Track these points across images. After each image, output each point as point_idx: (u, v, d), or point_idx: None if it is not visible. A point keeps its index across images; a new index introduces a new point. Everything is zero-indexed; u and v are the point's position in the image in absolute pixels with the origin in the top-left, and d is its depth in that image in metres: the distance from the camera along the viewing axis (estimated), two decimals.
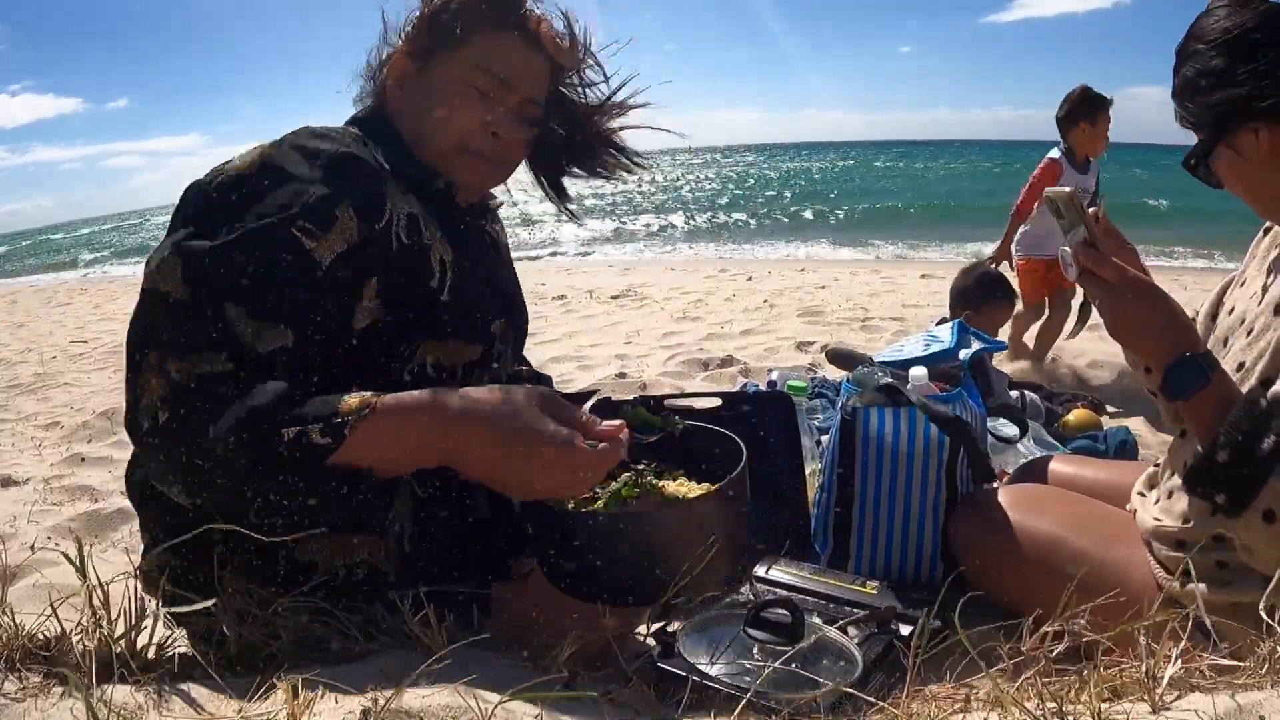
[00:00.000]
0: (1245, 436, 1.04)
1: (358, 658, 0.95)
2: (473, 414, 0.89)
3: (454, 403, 0.90)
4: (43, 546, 1.96)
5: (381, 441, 0.89)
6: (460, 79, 1.16)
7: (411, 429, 0.89)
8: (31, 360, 5.70)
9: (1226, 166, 1.21)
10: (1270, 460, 1.02)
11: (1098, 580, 1.24)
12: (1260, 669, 0.85)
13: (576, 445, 0.90)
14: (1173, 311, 1.15)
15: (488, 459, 0.90)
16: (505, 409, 0.90)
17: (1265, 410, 1.05)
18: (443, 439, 0.89)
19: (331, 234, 0.99)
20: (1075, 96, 3.69)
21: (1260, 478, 1.03)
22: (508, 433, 0.89)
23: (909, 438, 1.67)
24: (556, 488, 0.92)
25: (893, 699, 0.96)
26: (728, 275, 8.70)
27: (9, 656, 0.87)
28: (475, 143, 1.17)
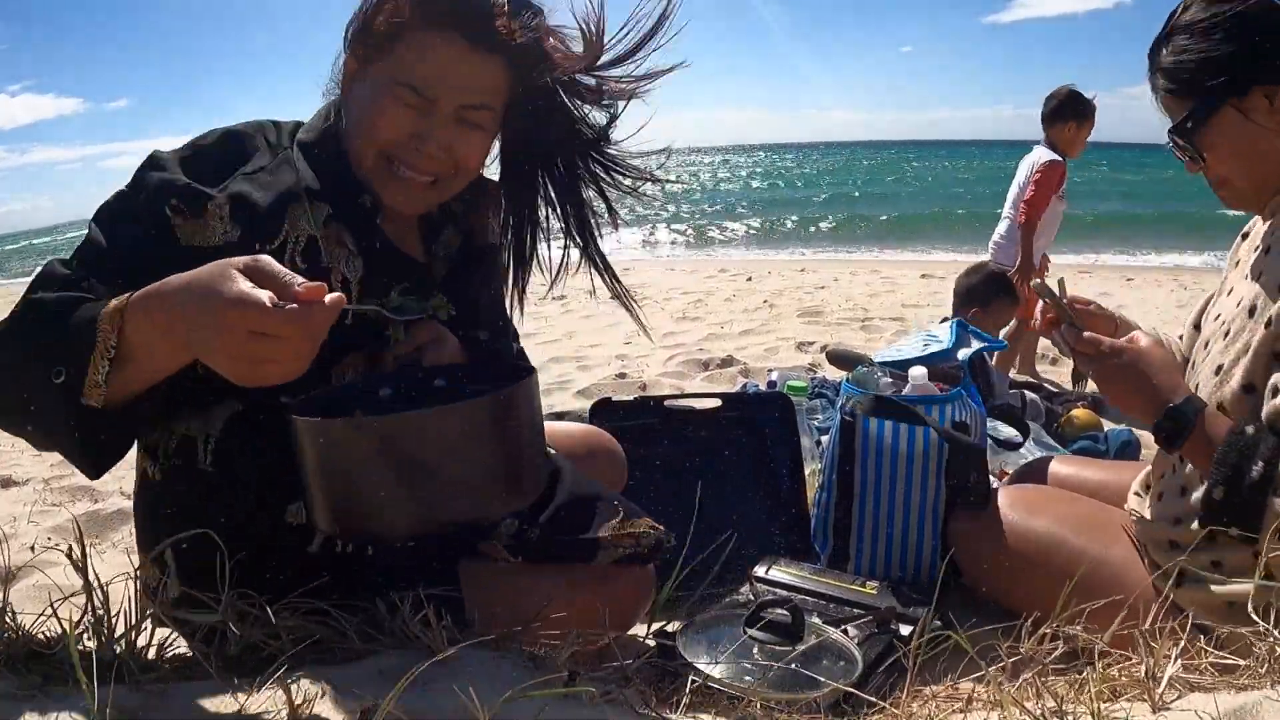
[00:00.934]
0: (1233, 469, 1.06)
1: (358, 658, 0.95)
2: (178, 288, 0.83)
3: (172, 282, 0.84)
4: (43, 547, 1.96)
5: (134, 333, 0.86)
6: (384, 83, 1.07)
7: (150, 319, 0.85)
8: None
9: (1227, 131, 1.18)
10: (1262, 485, 1.04)
11: (1097, 581, 1.24)
12: (1260, 668, 0.85)
13: (257, 301, 0.76)
14: (1152, 369, 1.19)
15: (194, 338, 0.81)
16: (196, 275, 0.81)
17: (1250, 439, 1.07)
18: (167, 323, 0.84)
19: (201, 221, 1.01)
20: (1064, 95, 3.68)
21: (1258, 504, 1.04)
22: (195, 300, 0.80)
23: (909, 438, 1.66)
24: (253, 363, 0.79)
25: (893, 699, 0.96)
26: (727, 275, 8.70)
27: (9, 656, 0.87)
28: (401, 151, 1.09)
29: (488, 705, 0.77)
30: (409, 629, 0.97)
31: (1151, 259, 10.64)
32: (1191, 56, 1.19)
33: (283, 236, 1.04)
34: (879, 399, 1.71)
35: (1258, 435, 1.07)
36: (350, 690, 0.82)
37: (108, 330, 0.85)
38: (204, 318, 0.79)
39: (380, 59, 1.08)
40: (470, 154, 1.12)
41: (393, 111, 1.07)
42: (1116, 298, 6.51)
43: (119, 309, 0.86)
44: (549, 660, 0.93)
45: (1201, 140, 1.20)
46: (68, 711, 0.79)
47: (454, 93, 1.07)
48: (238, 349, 0.78)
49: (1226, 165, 1.21)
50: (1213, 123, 1.19)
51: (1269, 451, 1.05)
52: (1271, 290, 1.13)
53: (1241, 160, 1.20)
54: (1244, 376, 1.13)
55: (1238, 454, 1.07)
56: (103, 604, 0.92)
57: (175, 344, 0.85)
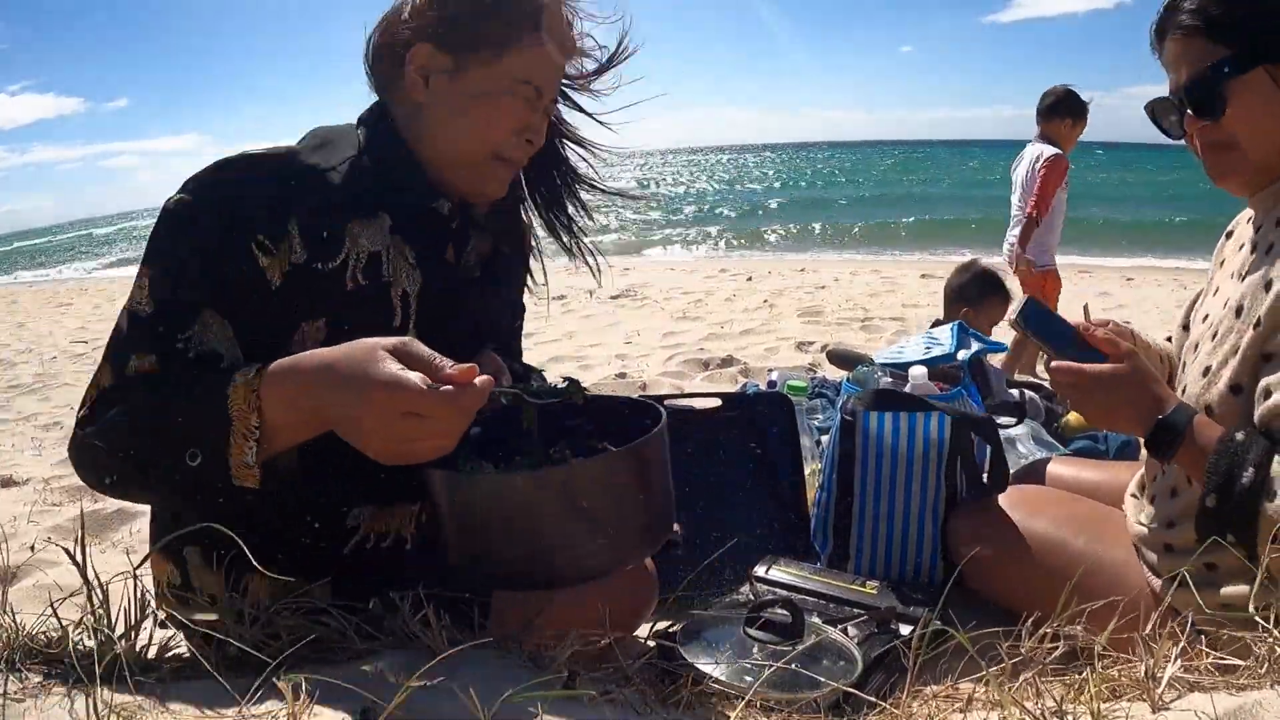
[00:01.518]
0: (1225, 477, 1.05)
1: (358, 658, 0.95)
2: (322, 366, 0.86)
3: (308, 361, 0.88)
4: (43, 546, 1.96)
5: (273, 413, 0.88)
6: (502, 87, 1.11)
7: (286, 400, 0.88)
8: (32, 360, 5.70)
9: (1257, 91, 1.11)
10: (1254, 491, 1.02)
11: (1096, 581, 1.24)
12: (1260, 669, 0.85)
13: (409, 384, 0.80)
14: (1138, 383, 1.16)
15: (337, 416, 0.85)
16: (341, 355, 0.85)
17: (1240, 444, 1.06)
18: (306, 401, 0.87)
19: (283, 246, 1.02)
20: (1062, 93, 3.76)
21: (1251, 510, 1.02)
22: (341, 381, 0.83)
23: (909, 438, 1.67)
24: (402, 443, 0.82)
25: (893, 699, 0.96)
26: (728, 275, 8.70)
27: (9, 656, 0.87)
28: (510, 150, 1.14)
29: (488, 705, 0.77)
30: (409, 629, 0.97)
31: (1150, 260, 10.62)
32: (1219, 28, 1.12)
33: (344, 254, 1.06)
34: (880, 392, 1.71)
35: (1248, 441, 1.06)
36: (350, 690, 0.82)
37: (244, 410, 0.88)
38: (355, 400, 0.82)
39: (485, 63, 1.10)
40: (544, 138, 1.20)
41: (514, 111, 1.12)
42: (1116, 297, 6.51)
43: (251, 390, 0.88)
44: (549, 660, 0.93)
45: (1226, 92, 1.12)
46: (68, 711, 0.79)
47: (553, 89, 1.17)
48: (390, 430, 0.81)
49: (1242, 126, 1.14)
50: (1244, 79, 1.12)
51: (1259, 457, 1.03)
52: (1258, 290, 1.11)
53: (1261, 126, 1.13)
54: (1231, 377, 1.13)
55: (1228, 461, 1.05)
56: (102, 604, 0.92)
57: (317, 422, 0.88)
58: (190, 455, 0.89)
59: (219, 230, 1.00)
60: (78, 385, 4.67)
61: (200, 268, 1.00)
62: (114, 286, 12.19)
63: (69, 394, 4.43)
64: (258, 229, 1.01)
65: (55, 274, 18.48)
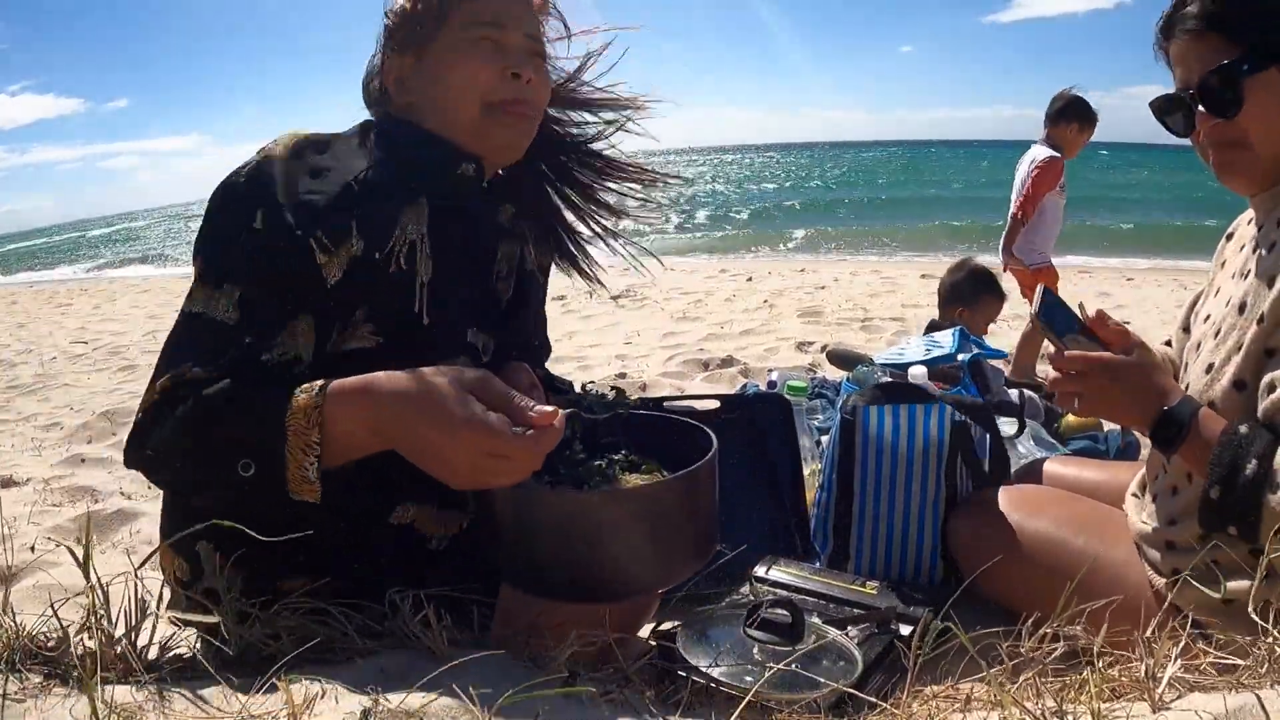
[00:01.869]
0: (1228, 469, 1.05)
1: (358, 658, 0.95)
2: (398, 396, 0.88)
3: (384, 388, 0.89)
4: (43, 547, 1.97)
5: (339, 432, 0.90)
6: (458, 43, 1.13)
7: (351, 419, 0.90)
8: (32, 361, 5.70)
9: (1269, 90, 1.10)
10: (1257, 483, 1.03)
11: (1096, 581, 1.24)
12: (1260, 668, 0.85)
13: (495, 428, 0.84)
14: (1144, 374, 1.16)
15: (412, 444, 0.88)
16: (423, 390, 0.87)
17: (1244, 437, 1.06)
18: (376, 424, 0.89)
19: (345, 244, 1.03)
20: (1071, 98, 3.76)
21: (1255, 502, 1.03)
22: (425, 416, 0.86)
23: (909, 437, 1.67)
24: (481, 475, 0.87)
25: (893, 699, 0.96)
26: (728, 275, 8.70)
27: (9, 657, 0.87)
28: (501, 92, 1.13)
29: (488, 705, 0.77)
30: (409, 629, 0.97)
31: (1150, 260, 10.62)
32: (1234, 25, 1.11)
33: (392, 242, 1.08)
34: (881, 385, 1.71)
35: (1252, 433, 1.06)
36: (350, 690, 0.82)
37: (304, 427, 0.89)
38: (438, 436, 0.86)
39: (436, 37, 1.13)
40: (542, 85, 1.19)
41: (480, 58, 1.12)
42: (1116, 298, 6.51)
43: (315, 406, 0.89)
44: (549, 660, 0.93)
45: (1242, 90, 1.11)
46: (68, 711, 0.79)
47: (518, 20, 1.15)
48: (471, 465, 0.86)
49: (1256, 124, 1.13)
50: (1259, 77, 1.11)
51: (1263, 449, 1.04)
52: (1261, 286, 1.12)
53: (1275, 125, 1.12)
54: (1235, 373, 1.13)
55: (1232, 453, 1.05)
56: (103, 604, 0.92)
57: (383, 444, 0.90)
58: (243, 466, 0.90)
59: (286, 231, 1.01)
60: (77, 386, 4.67)
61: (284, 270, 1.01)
62: (113, 287, 12.19)
63: (69, 394, 4.43)
64: (319, 226, 1.02)
65: (47, 276, 18.46)
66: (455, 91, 1.13)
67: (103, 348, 6.09)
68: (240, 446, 0.91)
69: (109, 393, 4.37)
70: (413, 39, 1.15)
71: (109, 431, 3.44)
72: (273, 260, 1.00)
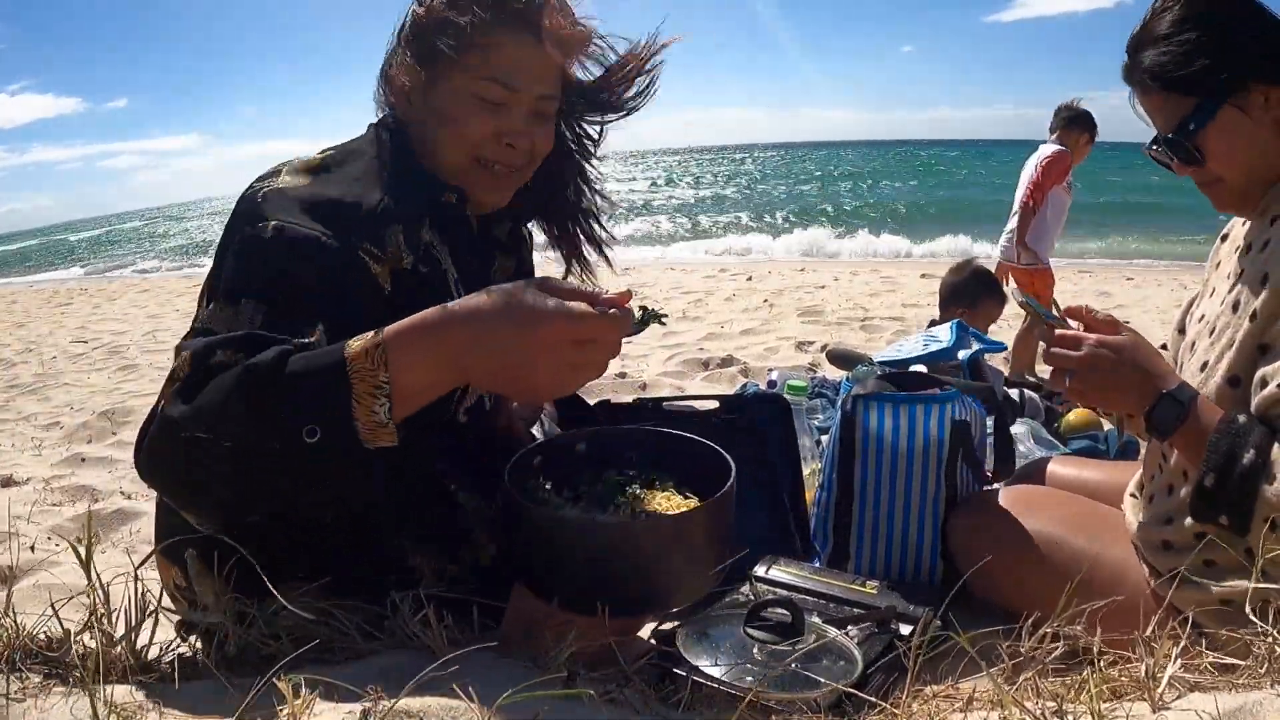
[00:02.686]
0: (1225, 457, 1.05)
1: (358, 658, 0.95)
2: (471, 312, 0.85)
3: (453, 310, 0.86)
4: (43, 547, 1.97)
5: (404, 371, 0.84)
6: (466, 89, 1.11)
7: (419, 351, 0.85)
8: (32, 360, 5.70)
9: (1228, 129, 1.16)
10: (1254, 473, 1.03)
11: (1096, 580, 1.24)
12: (1260, 668, 0.85)
13: (579, 310, 0.83)
14: (1141, 357, 1.16)
15: (489, 359, 0.84)
16: (497, 297, 0.85)
17: (1242, 426, 1.06)
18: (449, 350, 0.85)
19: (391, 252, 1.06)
20: (1080, 111, 3.86)
21: (1250, 492, 1.03)
22: (505, 318, 0.83)
23: (909, 436, 1.66)
24: (569, 372, 0.86)
25: (893, 699, 0.96)
26: (728, 275, 8.70)
27: (10, 656, 0.87)
28: (493, 153, 1.14)
29: (487, 705, 0.77)
30: (409, 629, 0.97)
31: (1151, 260, 10.62)
32: (1183, 52, 1.16)
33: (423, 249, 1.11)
34: (882, 378, 1.71)
35: (1249, 424, 1.06)
36: (350, 690, 0.82)
37: (369, 368, 0.83)
38: (522, 335, 0.83)
39: (452, 68, 1.11)
40: (544, 142, 1.19)
41: (481, 113, 1.12)
42: (1117, 297, 6.51)
43: (373, 347, 0.83)
44: (549, 660, 0.93)
45: (1202, 141, 1.18)
46: (68, 711, 0.79)
47: (533, 84, 1.13)
48: (560, 358, 0.84)
49: (1224, 164, 1.19)
50: (1214, 123, 1.17)
51: (1260, 440, 1.04)
52: (1255, 284, 1.13)
53: (1240, 159, 1.18)
54: (1228, 370, 1.14)
55: (1230, 441, 1.05)
56: (104, 604, 0.92)
57: (453, 370, 0.86)
58: (308, 432, 0.81)
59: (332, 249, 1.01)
60: (77, 385, 4.67)
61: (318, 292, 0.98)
62: (113, 286, 12.19)
63: (68, 394, 4.43)
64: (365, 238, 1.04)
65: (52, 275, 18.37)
66: (448, 134, 1.13)
67: (103, 347, 6.09)
68: (301, 411, 0.82)
69: (109, 392, 4.37)
70: (429, 57, 1.13)
71: (109, 431, 3.44)
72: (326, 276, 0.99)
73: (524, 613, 1.08)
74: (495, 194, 1.19)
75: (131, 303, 9.50)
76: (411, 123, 1.17)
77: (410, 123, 1.17)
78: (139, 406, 3.76)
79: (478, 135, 1.12)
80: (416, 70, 1.13)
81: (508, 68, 1.11)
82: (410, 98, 1.16)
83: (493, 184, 1.17)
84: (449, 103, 1.13)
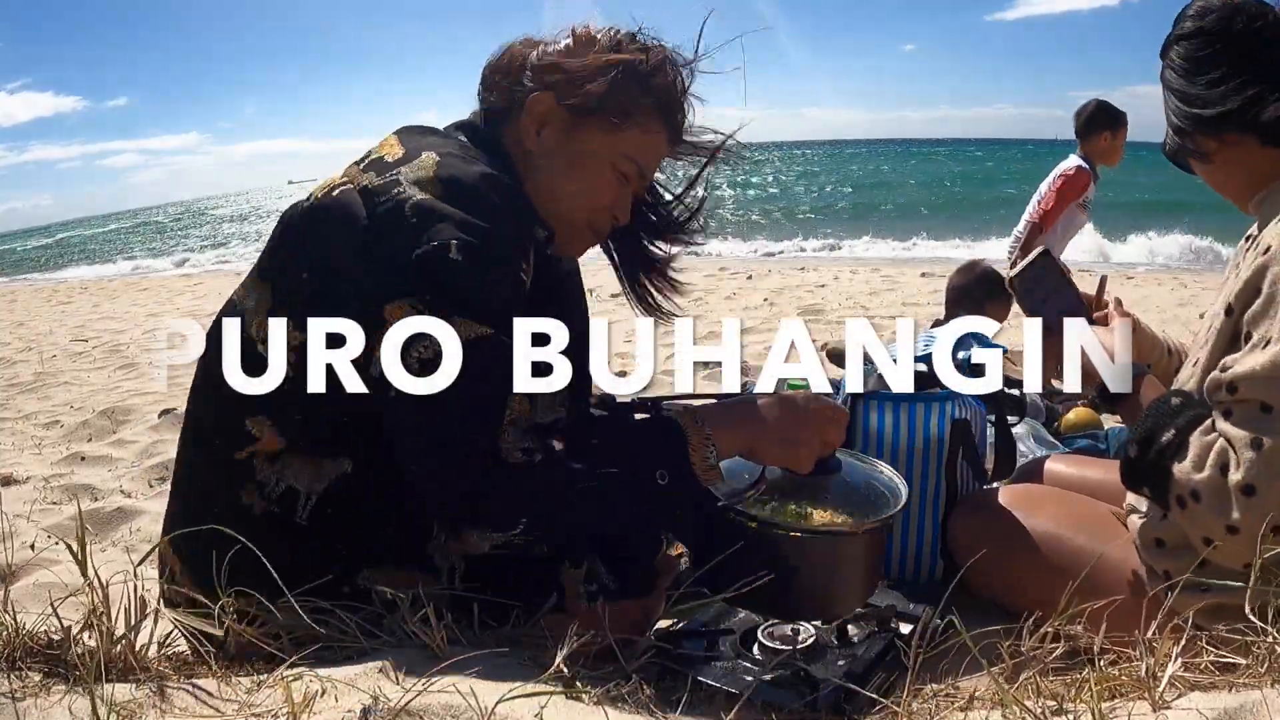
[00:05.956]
0: (1149, 432, 1.11)
1: (358, 657, 0.95)
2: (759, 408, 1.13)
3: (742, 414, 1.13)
4: (43, 545, 1.96)
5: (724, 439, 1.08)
6: (608, 158, 1.15)
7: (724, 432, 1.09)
8: (32, 359, 5.70)
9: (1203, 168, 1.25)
10: (1168, 451, 1.08)
11: (1096, 579, 1.24)
12: (1260, 667, 0.85)
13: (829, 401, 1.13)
14: None
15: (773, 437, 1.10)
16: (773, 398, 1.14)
17: (1173, 407, 1.12)
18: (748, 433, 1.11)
19: None
20: (1094, 107, 3.66)
21: (1165, 468, 1.08)
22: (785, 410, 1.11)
23: (909, 434, 1.66)
24: (819, 444, 1.11)
25: (893, 698, 0.96)
26: (728, 274, 8.70)
27: (10, 656, 0.87)
28: (598, 223, 1.19)
29: (488, 705, 0.77)
30: (409, 628, 0.97)
31: (1151, 260, 10.61)
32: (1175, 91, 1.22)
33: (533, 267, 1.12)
34: (881, 376, 1.71)
35: (1181, 406, 1.12)
36: (350, 689, 0.82)
37: (697, 427, 1.07)
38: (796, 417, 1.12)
39: (600, 125, 1.13)
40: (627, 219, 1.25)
41: (615, 187, 1.17)
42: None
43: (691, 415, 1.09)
44: (549, 660, 0.92)
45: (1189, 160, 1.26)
46: (68, 711, 0.79)
47: (652, 171, 1.22)
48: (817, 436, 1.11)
49: (1209, 179, 1.26)
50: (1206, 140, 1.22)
51: (1185, 422, 1.09)
52: (1238, 282, 1.15)
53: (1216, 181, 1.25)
54: (1208, 362, 1.16)
55: (1155, 419, 1.12)
56: (103, 602, 0.92)
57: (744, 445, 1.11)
58: (660, 475, 1.03)
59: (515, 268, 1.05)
60: (77, 384, 4.67)
61: None
62: (113, 285, 12.19)
63: (68, 392, 4.43)
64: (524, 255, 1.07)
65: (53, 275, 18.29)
66: (576, 194, 1.16)
67: (103, 346, 6.09)
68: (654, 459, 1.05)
69: (109, 391, 4.37)
70: (584, 109, 1.13)
71: (109, 430, 3.43)
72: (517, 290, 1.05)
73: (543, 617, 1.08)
74: (579, 251, 1.26)
75: (132, 301, 9.50)
76: (520, 149, 1.16)
77: (518, 149, 1.16)
78: (139, 405, 3.75)
79: (605, 202, 1.17)
80: (557, 105, 1.13)
81: (649, 156, 1.19)
82: (541, 133, 1.15)
83: (584, 245, 1.24)
84: (585, 158, 1.14)
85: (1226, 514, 1.01)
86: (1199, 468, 1.04)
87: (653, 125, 1.16)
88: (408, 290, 0.98)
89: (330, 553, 1.06)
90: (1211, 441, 1.05)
